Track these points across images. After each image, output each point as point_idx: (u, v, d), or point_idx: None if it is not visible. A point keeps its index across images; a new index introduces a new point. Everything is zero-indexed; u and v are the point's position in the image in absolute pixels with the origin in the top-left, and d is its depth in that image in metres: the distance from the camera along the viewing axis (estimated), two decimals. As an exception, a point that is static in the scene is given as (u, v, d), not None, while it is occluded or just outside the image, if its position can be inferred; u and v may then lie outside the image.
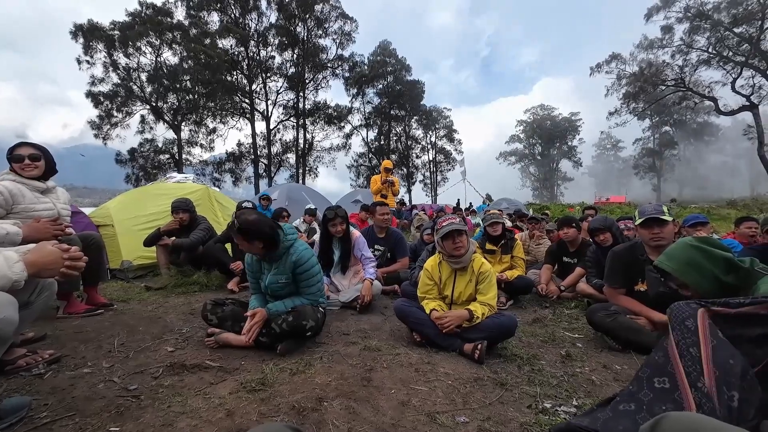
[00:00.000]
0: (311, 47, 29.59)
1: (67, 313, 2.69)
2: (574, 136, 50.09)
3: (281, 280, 2.23)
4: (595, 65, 25.58)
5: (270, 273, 2.26)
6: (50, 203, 2.42)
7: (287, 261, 2.22)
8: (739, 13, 19.06)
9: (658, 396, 1.06)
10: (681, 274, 1.37)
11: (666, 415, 0.53)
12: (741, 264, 1.29)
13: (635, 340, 2.20)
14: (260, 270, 2.32)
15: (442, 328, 2.15)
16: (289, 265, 2.21)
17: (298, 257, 2.22)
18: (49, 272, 1.31)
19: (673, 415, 0.53)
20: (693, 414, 0.53)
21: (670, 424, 0.51)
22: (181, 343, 2.21)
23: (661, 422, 0.52)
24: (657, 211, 2.28)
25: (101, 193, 28.31)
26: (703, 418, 0.51)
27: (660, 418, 0.53)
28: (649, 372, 1.12)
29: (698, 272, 1.34)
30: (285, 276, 2.23)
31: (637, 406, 1.07)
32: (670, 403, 1.03)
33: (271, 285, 2.25)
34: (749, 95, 19.17)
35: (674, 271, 1.38)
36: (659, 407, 1.03)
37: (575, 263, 3.71)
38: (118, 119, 25.84)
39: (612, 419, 1.06)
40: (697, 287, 1.34)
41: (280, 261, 2.24)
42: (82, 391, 1.60)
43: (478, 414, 1.49)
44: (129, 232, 4.49)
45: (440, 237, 2.28)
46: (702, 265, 1.33)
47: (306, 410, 1.45)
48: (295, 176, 30.26)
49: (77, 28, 23.59)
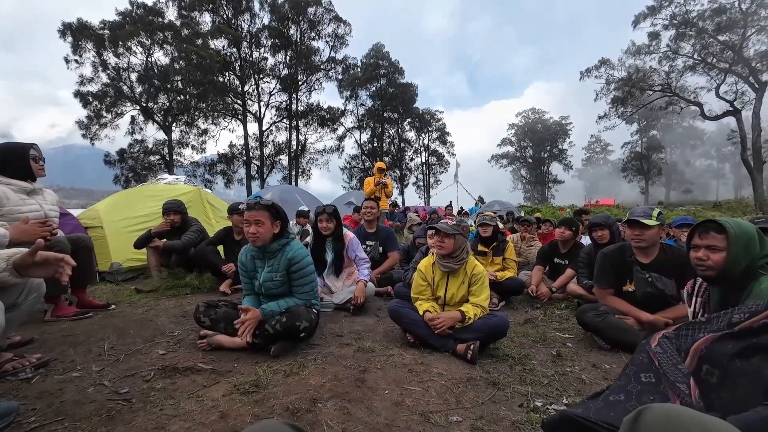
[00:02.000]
0: (304, 49, 29.56)
1: (55, 316, 2.64)
2: (564, 139, 50.86)
3: (276, 278, 2.22)
4: (584, 70, 26.03)
5: (264, 270, 2.26)
6: (36, 204, 2.37)
7: (283, 258, 2.22)
8: (723, 22, 19.62)
9: (646, 388, 1.12)
10: (734, 239, 1.48)
11: (648, 407, 0.55)
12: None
13: (623, 340, 2.24)
14: (254, 269, 2.32)
15: (435, 329, 2.17)
16: (285, 263, 2.21)
17: (293, 254, 2.22)
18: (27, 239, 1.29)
19: (655, 406, 0.55)
20: (674, 405, 0.55)
21: (652, 414, 0.53)
22: (173, 346, 2.19)
23: (643, 413, 0.54)
24: (644, 214, 2.34)
25: (89, 195, 27.83)
26: (684, 409, 0.53)
27: (642, 409, 0.55)
28: (635, 369, 1.19)
29: (745, 248, 1.47)
30: (280, 273, 2.22)
31: (626, 397, 1.13)
32: (657, 394, 1.09)
33: (266, 283, 2.24)
34: (733, 101, 19.71)
35: (732, 235, 1.49)
36: (648, 397, 1.09)
37: (566, 264, 3.77)
38: (108, 120, 25.42)
39: (604, 408, 1.11)
40: (731, 258, 1.48)
41: (275, 258, 2.24)
42: (71, 395, 1.58)
43: (471, 413, 1.50)
44: (118, 234, 4.42)
45: (424, 236, 2.32)
46: (753, 245, 1.48)
47: (300, 411, 1.45)
48: (288, 178, 30.11)
49: (66, 26, 23.19)
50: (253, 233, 2.13)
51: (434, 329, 2.17)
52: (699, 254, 1.56)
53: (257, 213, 2.13)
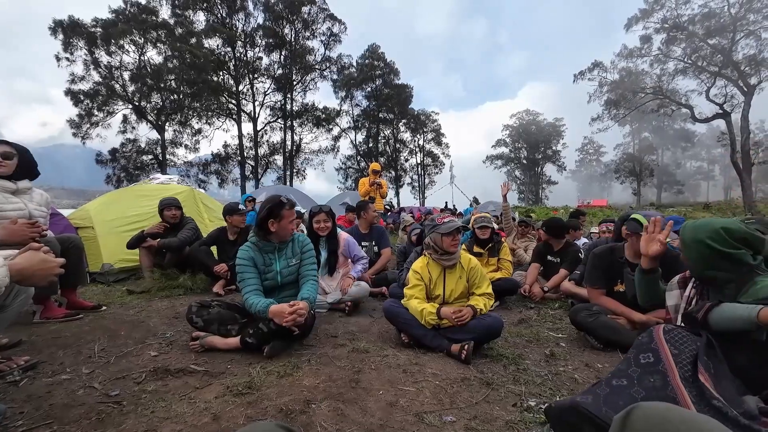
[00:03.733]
0: (299, 49, 29.46)
1: (44, 318, 2.59)
2: (558, 140, 51.29)
3: (292, 263, 2.37)
4: (578, 72, 26.26)
5: (278, 260, 2.34)
6: (20, 203, 2.33)
7: (294, 246, 2.40)
8: (712, 26, 19.94)
9: (645, 370, 1.18)
10: (687, 245, 1.50)
11: (637, 405, 0.56)
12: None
13: (615, 339, 2.27)
14: (267, 262, 2.32)
15: (460, 321, 2.14)
16: (298, 245, 2.41)
17: (302, 239, 2.45)
18: (36, 281, 1.25)
19: (644, 405, 0.55)
20: (662, 404, 0.56)
21: (641, 413, 0.53)
22: (165, 348, 2.17)
23: (632, 412, 0.55)
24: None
25: (80, 194, 27.47)
26: (672, 408, 0.54)
27: (631, 408, 0.56)
28: (635, 351, 1.25)
29: (699, 253, 1.46)
30: (295, 258, 2.38)
31: (628, 381, 1.18)
32: (656, 374, 1.15)
33: (283, 270, 2.34)
34: (722, 104, 20.00)
35: (684, 240, 1.50)
36: (648, 379, 1.15)
37: (558, 263, 3.81)
38: (99, 118, 25.09)
39: (610, 394, 1.17)
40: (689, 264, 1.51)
41: (286, 248, 2.38)
42: (60, 398, 1.55)
43: (465, 413, 1.51)
44: (110, 234, 4.37)
45: (443, 233, 2.29)
46: (704, 250, 1.46)
47: (294, 413, 1.44)
48: (283, 178, 29.97)
49: (57, 24, 22.86)
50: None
51: (459, 322, 2.14)
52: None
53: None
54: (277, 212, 2.24)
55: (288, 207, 2.27)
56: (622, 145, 46.20)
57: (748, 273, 1.41)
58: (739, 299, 1.43)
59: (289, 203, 2.31)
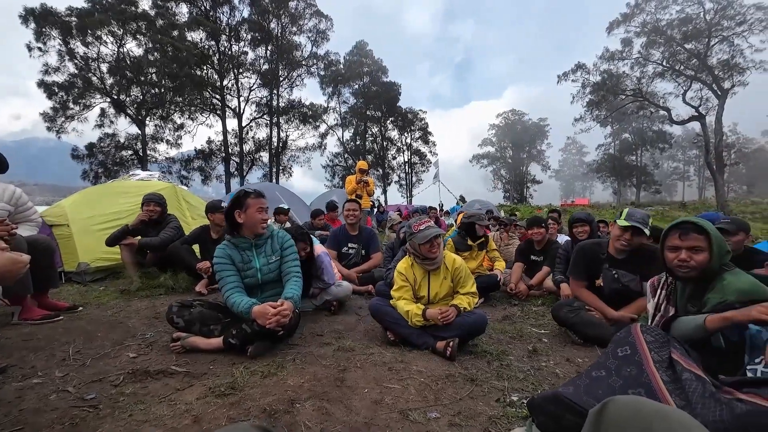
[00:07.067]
0: (285, 44, 29.00)
1: (22, 319, 2.48)
2: (542, 140, 52.25)
3: (272, 260, 2.31)
4: (561, 73, 26.78)
5: (257, 257, 2.28)
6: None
7: (273, 243, 2.34)
8: (689, 31, 20.68)
9: (623, 362, 1.23)
10: (715, 240, 1.52)
11: (612, 399, 0.57)
12: None
13: (595, 334, 2.33)
14: (246, 260, 2.25)
15: (446, 321, 2.15)
16: (278, 242, 2.35)
17: (282, 235, 2.39)
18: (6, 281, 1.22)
19: (618, 399, 0.57)
20: (635, 397, 0.58)
21: (614, 407, 0.55)
22: (145, 349, 2.11)
23: (607, 405, 0.56)
24: (643, 222, 2.35)
25: (54, 190, 26.40)
26: (645, 401, 0.56)
27: (606, 402, 0.57)
28: (614, 346, 1.31)
29: (720, 246, 1.52)
30: (275, 255, 2.32)
31: (607, 372, 1.24)
32: (632, 365, 1.20)
33: (263, 268, 2.28)
34: (698, 106, 20.80)
35: (714, 236, 1.53)
36: (625, 369, 1.20)
37: (542, 261, 3.89)
38: (75, 112, 24.04)
39: (590, 385, 1.23)
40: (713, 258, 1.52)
41: (264, 245, 2.32)
42: (31, 402, 1.49)
43: (449, 409, 1.52)
44: (87, 233, 4.21)
45: (420, 242, 2.24)
46: (724, 243, 1.54)
47: (278, 413, 1.42)
48: (269, 175, 29.51)
49: (28, 12, 21.79)
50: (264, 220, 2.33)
51: (446, 321, 2.15)
52: (682, 256, 1.55)
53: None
54: (242, 201, 2.18)
55: (253, 196, 2.21)
56: (604, 145, 47.39)
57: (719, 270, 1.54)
58: (708, 296, 1.51)
59: (255, 192, 2.24)
